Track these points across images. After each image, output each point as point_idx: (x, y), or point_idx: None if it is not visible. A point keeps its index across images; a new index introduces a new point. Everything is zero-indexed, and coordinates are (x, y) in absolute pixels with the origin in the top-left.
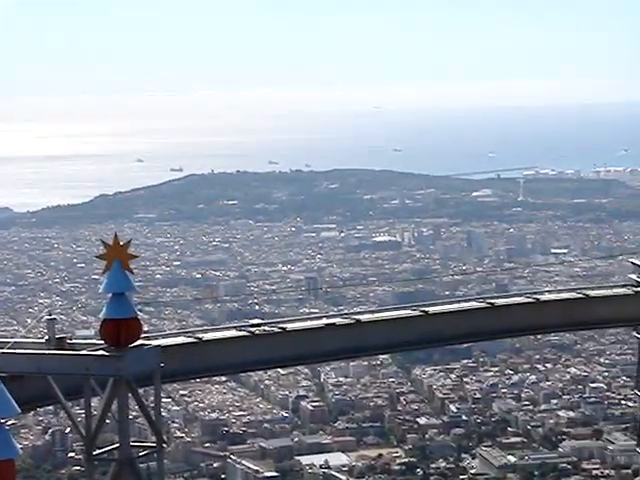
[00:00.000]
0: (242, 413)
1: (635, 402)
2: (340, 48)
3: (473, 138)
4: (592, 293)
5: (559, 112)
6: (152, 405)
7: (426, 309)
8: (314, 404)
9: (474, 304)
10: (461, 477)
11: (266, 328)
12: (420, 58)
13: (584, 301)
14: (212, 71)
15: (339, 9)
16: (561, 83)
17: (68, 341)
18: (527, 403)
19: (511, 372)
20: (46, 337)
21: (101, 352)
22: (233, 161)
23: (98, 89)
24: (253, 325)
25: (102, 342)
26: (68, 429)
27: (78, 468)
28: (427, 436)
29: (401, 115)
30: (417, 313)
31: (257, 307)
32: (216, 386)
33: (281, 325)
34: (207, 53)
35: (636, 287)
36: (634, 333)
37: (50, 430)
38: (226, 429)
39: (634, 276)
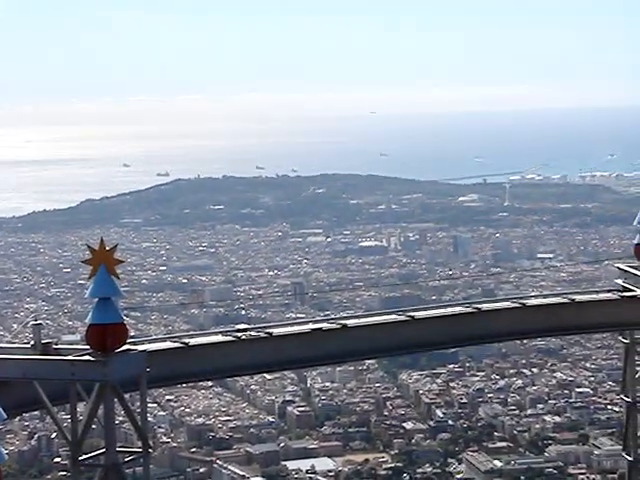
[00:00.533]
0: (228, 418)
1: (621, 407)
2: (338, 51)
3: (460, 142)
4: (578, 298)
5: (546, 117)
6: (138, 410)
7: (412, 314)
8: (300, 409)
9: (460, 309)
10: None
11: (252, 333)
12: (418, 62)
13: (570, 306)
14: (203, 75)
15: (338, 11)
16: (549, 88)
17: (54, 346)
18: (513, 408)
19: (497, 377)
20: (32, 342)
21: (87, 357)
22: (220, 166)
23: (86, 93)
24: (239, 330)
25: (88, 347)
26: (54, 434)
27: (64, 473)
28: (413, 441)
29: (396, 120)
30: (403, 318)
31: (243, 312)
32: (202, 391)
33: (267, 330)
34: (196, 56)
35: (622, 292)
36: (620, 338)
37: (36, 435)
38: (212, 434)
39: (620, 281)
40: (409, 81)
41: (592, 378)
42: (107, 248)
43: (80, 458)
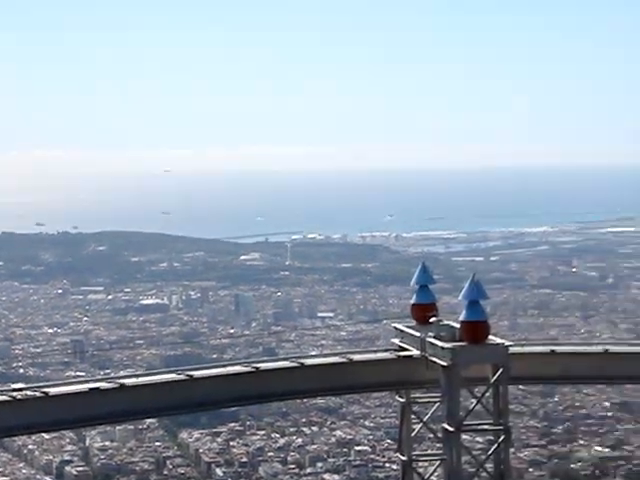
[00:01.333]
0: (4, 479)
1: (398, 465)
2: (135, 110)
3: (242, 201)
4: (356, 357)
5: (326, 178)
6: None
7: (191, 373)
8: (79, 469)
9: (240, 368)
10: None
11: (28, 393)
12: (210, 123)
13: (348, 365)
14: None
15: (137, 72)
16: (329, 149)
17: None
18: (293, 466)
19: (277, 435)
20: None
21: None
22: None
23: None
24: (15, 389)
25: None
26: None
27: None
28: None
29: (188, 178)
30: (182, 377)
31: (22, 370)
32: None
33: (44, 390)
34: None
35: (398, 351)
36: (396, 397)
37: None
38: None
39: (397, 340)
40: (202, 141)
41: (371, 436)
42: None
43: None
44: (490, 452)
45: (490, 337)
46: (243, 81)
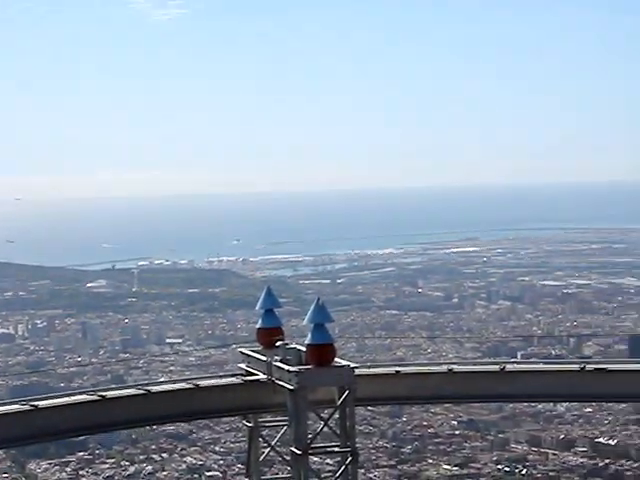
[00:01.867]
0: None
1: None
2: None
3: (87, 228)
4: (202, 383)
5: (170, 203)
6: None
7: (36, 403)
8: None
9: (85, 397)
10: None
11: None
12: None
13: (195, 391)
14: None
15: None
16: (177, 175)
17: None
18: None
19: (127, 463)
20: None
21: None
22: None
23: None
24: None
25: None
26: None
27: None
28: None
29: (41, 205)
30: (27, 408)
31: None
32: None
33: None
34: None
35: (245, 376)
36: (244, 421)
37: None
38: None
39: (243, 365)
40: (57, 168)
41: (222, 461)
42: None
43: None
44: (338, 474)
45: (336, 359)
46: (97, 111)
